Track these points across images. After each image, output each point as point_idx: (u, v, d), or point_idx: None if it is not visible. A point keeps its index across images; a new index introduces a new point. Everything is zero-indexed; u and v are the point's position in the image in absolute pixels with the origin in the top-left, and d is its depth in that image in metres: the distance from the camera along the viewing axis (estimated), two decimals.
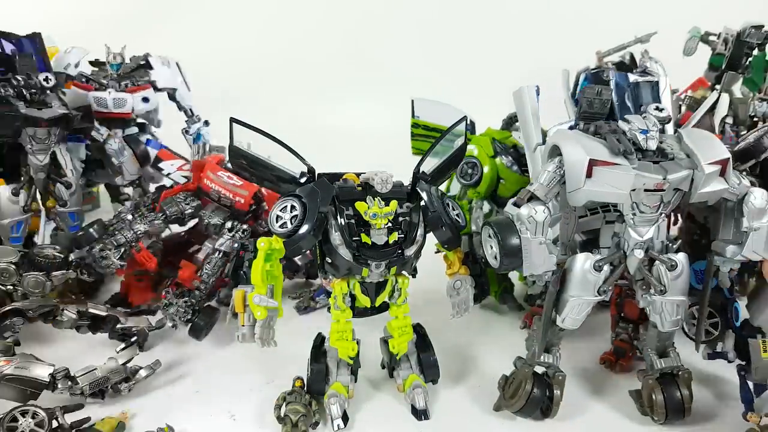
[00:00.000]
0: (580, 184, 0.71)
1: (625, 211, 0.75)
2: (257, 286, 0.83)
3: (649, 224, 0.75)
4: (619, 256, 0.77)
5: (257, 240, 0.85)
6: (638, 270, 0.78)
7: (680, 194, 0.75)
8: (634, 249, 0.76)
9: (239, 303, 0.85)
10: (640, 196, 0.73)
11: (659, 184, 0.72)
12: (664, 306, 0.78)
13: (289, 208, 0.80)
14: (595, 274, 0.77)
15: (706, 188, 0.72)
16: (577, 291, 0.77)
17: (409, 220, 0.83)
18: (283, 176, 0.87)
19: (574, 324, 0.80)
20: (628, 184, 0.71)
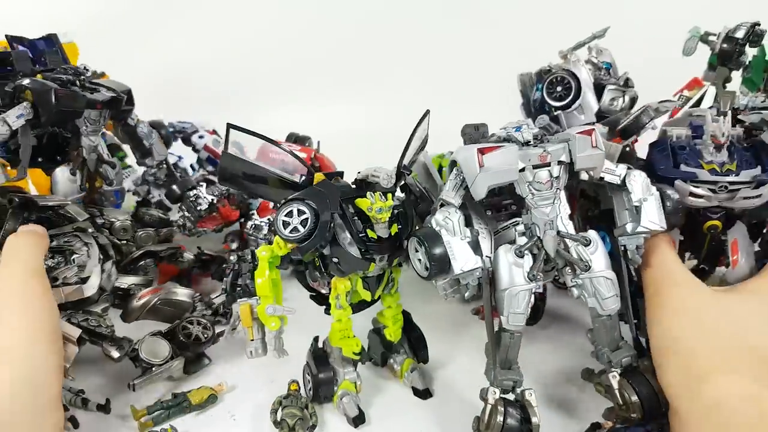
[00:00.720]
0: (476, 172, 0.75)
1: (524, 192, 0.78)
2: (265, 297, 0.82)
3: (548, 201, 0.78)
4: (536, 242, 0.78)
5: (256, 249, 0.85)
6: (558, 254, 0.78)
7: (566, 168, 0.79)
8: (546, 230, 0.77)
9: (247, 317, 0.83)
10: (531, 175, 0.77)
11: (542, 156, 0.77)
12: (595, 284, 0.78)
13: (295, 212, 0.78)
14: (519, 261, 0.78)
15: (583, 153, 0.77)
16: (508, 281, 0.77)
17: (404, 211, 0.84)
18: (282, 182, 0.84)
19: (517, 320, 0.78)
20: (515, 159, 0.76)
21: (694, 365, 0.73)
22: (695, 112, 0.91)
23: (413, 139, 0.86)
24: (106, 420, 0.89)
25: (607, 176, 0.82)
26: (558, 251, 0.78)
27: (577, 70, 1.10)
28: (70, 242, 0.92)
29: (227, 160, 0.83)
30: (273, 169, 0.84)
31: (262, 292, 0.82)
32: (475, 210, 0.83)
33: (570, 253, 0.78)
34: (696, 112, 0.90)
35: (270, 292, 0.82)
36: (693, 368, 0.72)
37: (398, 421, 0.92)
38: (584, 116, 1.04)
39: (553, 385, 0.99)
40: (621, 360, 0.80)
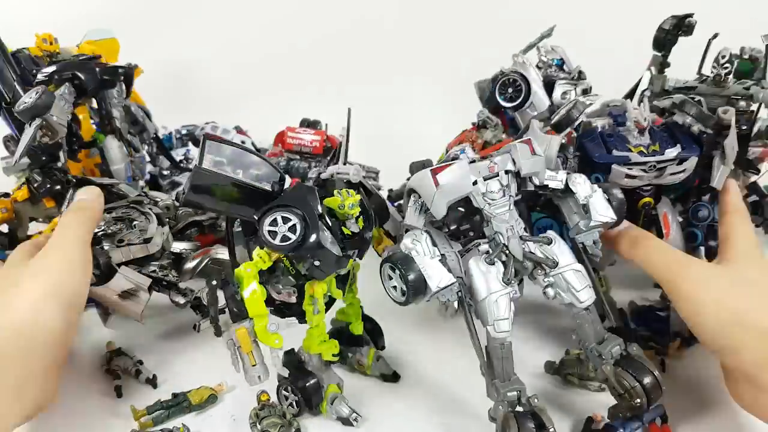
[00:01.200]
0: (433, 191, 0.80)
1: (480, 204, 0.82)
2: (261, 315, 0.78)
3: (504, 209, 0.83)
4: (503, 249, 0.82)
5: (233, 269, 0.80)
6: (525, 257, 0.82)
7: (513, 176, 0.85)
8: (509, 236, 0.82)
9: (247, 342, 0.78)
10: (484, 186, 0.83)
11: (491, 167, 0.83)
12: (566, 278, 0.82)
13: (280, 220, 0.77)
14: (491, 268, 0.81)
15: (525, 159, 0.84)
16: (485, 289, 0.80)
17: (363, 205, 0.85)
18: (255, 194, 0.80)
19: (504, 327, 0.79)
20: (467, 173, 0.81)
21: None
22: (611, 102, 1.00)
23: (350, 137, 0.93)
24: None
25: (550, 182, 0.86)
26: (525, 254, 0.82)
27: (525, 71, 1.19)
28: (128, 213, 1.06)
29: (201, 177, 0.77)
30: (247, 180, 0.80)
31: (257, 311, 0.77)
32: (439, 237, 0.85)
33: (536, 254, 0.82)
34: (612, 103, 0.99)
35: (265, 309, 0.78)
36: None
37: (378, 410, 0.95)
38: (537, 113, 1.12)
39: (538, 377, 1.02)
40: (611, 351, 0.81)
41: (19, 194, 1.28)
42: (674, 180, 0.92)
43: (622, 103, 0.96)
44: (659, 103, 0.98)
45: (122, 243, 1.00)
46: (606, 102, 1.00)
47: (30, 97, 1.05)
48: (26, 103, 1.04)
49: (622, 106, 0.95)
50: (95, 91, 1.21)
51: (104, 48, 1.52)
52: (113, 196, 1.12)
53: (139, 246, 1.00)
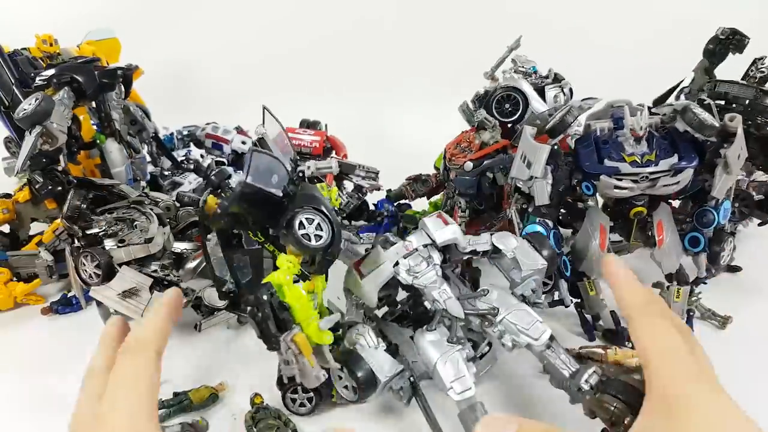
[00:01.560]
0: (361, 282, 0.86)
1: (408, 280, 0.85)
2: (312, 317, 0.76)
3: (432, 279, 0.85)
4: (443, 314, 0.83)
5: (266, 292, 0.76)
6: (467, 314, 0.83)
7: (433, 246, 0.88)
8: (445, 300, 0.83)
9: (307, 346, 0.75)
10: (405, 264, 0.86)
11: (407, 247, 0.87)
12: (513, 321, 0.82)
13: (305, 221, 0.77)
14: (437, 335, 0.82)
15: (437, 231, 0.87)
16: (434, 355, 0.80)
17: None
18: (273, 199, 0.79)
19: (465, 384, 0.76)
20: (384, 258, 0.85)
21: None
22: (616, 103, 0.97)
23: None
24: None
25: (477, 247, 0.89)
26: (466, 313, 0.83)
27: (518, 84, 1.20)
28: (130, 213, 1.07)
29: (249, 188, 0.76)
30: (268, 189, 0.78)
31: (308, 313, 0.75)
32: (386, 327, 0.88)
33: (476, 308, 0.83)
34: (617, 104, 0.96)
35: (313, 310, 0.76)
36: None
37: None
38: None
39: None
40: (588, 381, 0.77)
41: (20, 195, 1.30)
42: (668, 191, 0.91)
43: (623, 103, 0.94)
44: (659, 109, 0.95)
45: (123, 243, 1.01)
46: (611, 102, 0.98)
47: (29, 104, 1.05)
48: (26, 110, 1.04)
49: (623, 108, 0.93)
50: (94, 94, 1.21)
51: (105, 48, 1.53)
52: (114, 196, 1.13)
53: (140, 246, 1.01)
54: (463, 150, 1.23)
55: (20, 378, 0.99)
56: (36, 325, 1.14)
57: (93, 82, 1.18)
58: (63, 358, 1.02)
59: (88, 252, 1.00)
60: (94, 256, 0.99)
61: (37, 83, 1.16)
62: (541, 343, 0.80)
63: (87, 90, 1.17)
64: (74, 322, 1.14)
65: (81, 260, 1.00)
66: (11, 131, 1.26)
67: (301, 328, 0.75)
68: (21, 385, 0.97)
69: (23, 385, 0.98)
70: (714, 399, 0.59)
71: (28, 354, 1.06)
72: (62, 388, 0.95)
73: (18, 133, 1.21)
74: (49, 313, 1.16)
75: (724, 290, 1.20)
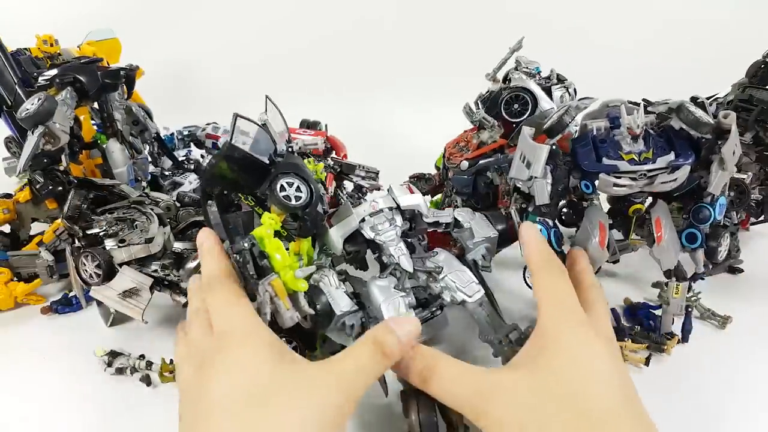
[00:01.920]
0: (329, 231, 0.97)
1: (369, 235, 0.96)
2: (289, 266, 0.84)
3: (392, 236, 0.96)
4: (395, 267, 0.94)
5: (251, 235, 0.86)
6: (416, 269, 0.93)
7: (397, 211, 0.98)
8: (399, 256, 0.94)
9: (282, 291, 0.83)
10: (371, 221, 0.97)
11: (374, 206, 0.97)
12: (454, 280, 0.92)
13: (285, 185, 0.88)
14: (386, 282, 0.92)
15: (402, 197, 0.99)
16: (380, 297, 0.90)
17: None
18: (257, 164, 0.89)
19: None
20: (352, 214, 0.97)
21: None
22: (611, 102, 0.98)
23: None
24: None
25: (440, 218, 1.01)
26: (415, 269, 0.93)
27: (527, 84, 1.20)
28: (130, 213, 1.08)
29: (234, 150, 0.85)
30: (257, 156, 0.89)
31: (286, 262, 0.84)
32: (351, 279, 0.97)
33: (424, 265, 0.94)
34: (611, 103, 0.98)
35: (291, 260, 0.85)
36: None
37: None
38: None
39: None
40: (509, 336, 0.87)
41: (21, 195, 1.30)
42: (665, 188, 0.92)
43: (619, 103, 0.95)
44: (655, 108, 0.96)
45: (124, 243, 1.02)
46: (606, 102, 1.00)
47: (32, 104, 1.05)
48: (28, 111, 1.05)
49: (618, 107, 0.94)
50: (97, 94, 1.22)
51: (106, 48, 1.53)
52: (114, 196, 1.14)
53: (140, 246, 1.02)
54: (461, 149, 1.24)
55: (20, 377, 1.00)
56: (36, 324, 1.14)
57: (96, 83, 1.19)
58: (63, 358, 1.03)
59: (88, 252, 1.01)
60: (95, 256, 1.00)
61: (39, 83, 1.17)
62: (474, 301, 0.91)
63: (90, 90, 1.18)
64: (74, 321, 1.15)
65: (81, 260, 1.02)
66: (13, 131, 1.26)
67: (279, 276, 0.83)
68: (22, 385, 0.98)
69: (24, 384, 0.98)
70: (579, 335, 0.71)
71: (28, 353, 1.06)
72: (62, 386, 0.96)
73: (20, 133, 1.21)
74: (49, 312, 1.16)
75: (724, 290, 1.21)
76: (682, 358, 1.03)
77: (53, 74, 1.17)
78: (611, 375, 0.68)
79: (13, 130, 1.27)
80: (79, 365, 1.00)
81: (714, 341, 1.07)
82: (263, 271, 0.84)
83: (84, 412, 0.92)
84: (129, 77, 1.32)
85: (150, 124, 1.44)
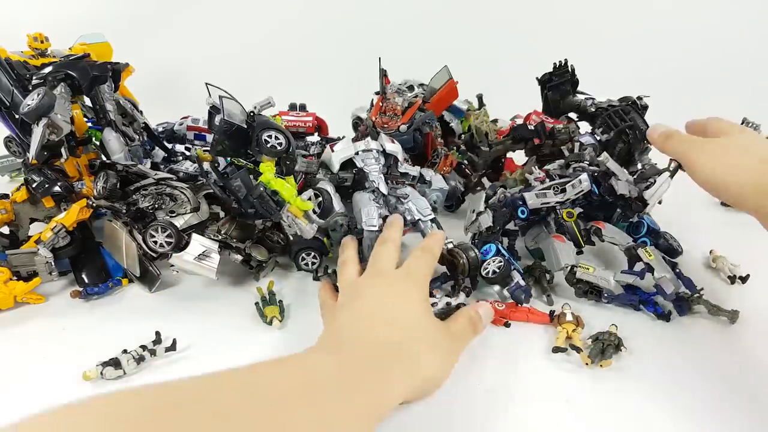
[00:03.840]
0: (330, 154, 1.29)
1: (359, 164, 1.26)
2: (292, 196, 1.13)
3: (375, 168, 1.25)
4: (375, 190, 1.23)
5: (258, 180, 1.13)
6: (389, 193, 1.25)
7: (382, 153, 1.29)
8: (379, 182, 1.24)
9: (298, 212, 1.15)
10: (362, 156, 1.27)
11: (366, 144, 1.28)
12: (414, 203, 1.23)
13: (267, 138, 1.13)
14: (366, 195, 1.23)
15: (387, 144, 1.30)
16: (361, 203, 1.20)
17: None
18: (244, 132, 1.15)
19: (374, 224, 1.16)
20: (351, 146, 1.28)
21: None
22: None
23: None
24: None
25: (410, 171, 1.31)
26: (389, 193, 1.24)
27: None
28: (163, 189, 1.18)
29: (228, 124, 1.13)
30: (238, 122, 1.14)
31: (291, 193, 1.13)
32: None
33: (396, 192, 1.26)
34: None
35: (295, 190, 1.14)
36: None
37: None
38: (621, 177, 1.27)
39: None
40: (447, 245, 1.18)
41: (18, 195, 1.29)
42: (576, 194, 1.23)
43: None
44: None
45: (174, 214, 1.14)
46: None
47: (32, 99, 1.11)
48: (30, 105, 1.10)
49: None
50: (89, 88, 1.26)
51: (97, 51, 1.53)
52: (133, 176, 1.22)
53: (191, 215, 1.16)
54: (390, 117, 1.43)
55: (20, 378, 0.99)
56: (36, 325, 1.13)
57: (87, 76, 1.24)
58: (63, 358, 1.02)
59: (157, 224, 1.12)
60: (165, 227, 1.12)
61: (34, 82, 1.19)
62: (426, 219, 1.21)
63: (82, 84, 1.23)
64: (74, 321, 1.14)
65: (150, 232, 1.13)
66: (12, 130, 1.25)
67: (290, 203, 1.14)
68: (22, 386, 0.97)
69: (24, 385, 0.97)
70: (375, 285, 0.97)
71: (30, 352, 1.05)
72: (62, 389, 0.95)
73: (22, 131, 1.22)
74: (78, 295, 1.19)
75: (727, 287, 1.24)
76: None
77: (47, 72, 1.20)
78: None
79: (13, 130, 1.26)
80: (80, 367, 0.98)
81: (727, 336, 1.09)
82: (278, 204, 1.13)
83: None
84: (115, 71, 1.35)
85: (137, 115, 1.44)
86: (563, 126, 1.50)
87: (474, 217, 1.29)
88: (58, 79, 1.20)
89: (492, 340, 1.06)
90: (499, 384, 0.95)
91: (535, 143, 1.52)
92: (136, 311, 1.17)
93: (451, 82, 1.49)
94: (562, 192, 1.21)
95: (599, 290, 1.15)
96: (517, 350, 1.04)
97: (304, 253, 1.26)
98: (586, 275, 1.14)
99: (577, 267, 1.16)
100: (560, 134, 1.49)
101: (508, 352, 1.04)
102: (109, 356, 0.98)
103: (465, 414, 0.89)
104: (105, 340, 1.05)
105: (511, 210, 1.26)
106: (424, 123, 1.45)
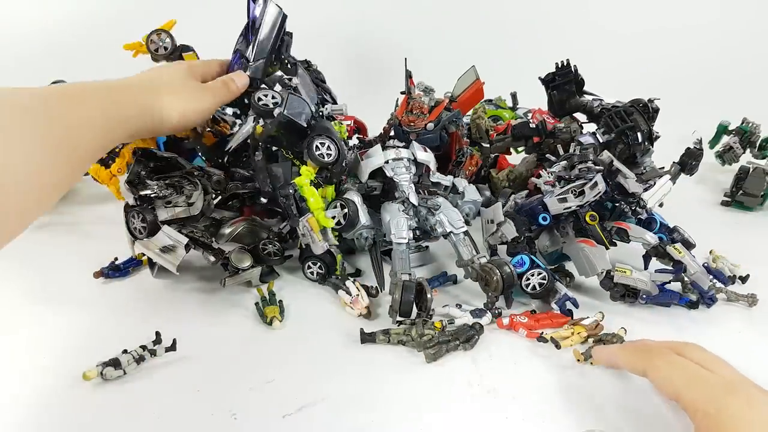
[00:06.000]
0: (360, 164, 1.28)
1: (389, 173, 1.24)
2: (322, 208, 1.12)
3: (406, 177, 1.24)
4: (406, 199, 1.22)
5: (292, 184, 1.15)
6: (419, 204, 1.23)
7: (413, 162, 1.27)
8: (409, 192, 1.22)
9: (315, 226, 1.12)
10: (392, 165, 1.26)
11: (397, 153, 1.27)
12: (447, 215, 1.21)
13: (319, 145, 1.13)
14: (394, 206, 1.21)
15: (418, 152, 1.30)
16: (390, 215, 1.19)
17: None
18: (302, 131, 1.16)
19: (403, 236, 1.15)
20: (380, 155, 1.27)
21: None
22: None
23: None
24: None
25: (442, 181, 1.30)
26: (419, 204, 1.22)
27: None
28: (180, 181, 1.22)
29: (285, 118, 1.13)
30: (301, 122, 1.15)
31: (319, 205, 1.12)
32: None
33: (427, 202, 1.23)
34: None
35: (323, 204, 1.13)
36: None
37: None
38: (629, 175, 1.25)
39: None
40: (479, 261, 1.14)
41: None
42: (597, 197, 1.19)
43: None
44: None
45: (170, 204, 1.18)
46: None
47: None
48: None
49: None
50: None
51: None
52: (171, 167, 1.26)
53: (182, 208, 1.18)
54: (417, 116, 1.42)
55: (20, 378, 0.99)
56: (36, 325, 1.13)
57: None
58: (64, 358, 1.02)
59: (137, 210, 1.16)
60: (141, 213, 1.15)
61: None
62: (459, 232, 1.19)
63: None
64: (75, 322, 1.14)
65: (130, 217, 1.17)
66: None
67: (314, 215, 1.11)
68: (21, 386, 0.97)
69: (24, 385, 0.97)
70: (751, 407, 0.67)
71: (30, 352, 1.05)
72: (63, 391, 0.94)
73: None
74: (101, 276, 1.26)
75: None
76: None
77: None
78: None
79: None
80: (80, 367, 0.98)
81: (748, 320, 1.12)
82: (302, 211, 1.14)
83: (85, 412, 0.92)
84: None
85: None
86: (564, 125, 1.50)
87: (494, 227, 1.23)
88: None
89: (492, 341, 1.06)
90: (499, 384, 0.95)
91: (535, 141, 1.51)
92: (136, 311, 1.17)
93: (477, 83, 1.49)
94: (581, 195, 1.16)
95: (635, 292, 1.12)
96: (517, 351, 1.04)
97: (310, 262, 1.23)
98: (624, 278, 1.11)
99: (614, 271, 1.12)
100: (561, 133, 1.49)
101: (508, 353, 1.03)
102: (109, 356, 0.97)
103: (465, 414, 0.89)
104: (105, 340, 1.05)
105: (530, 217, 1.22)
106: (451, 122, 1.44)
